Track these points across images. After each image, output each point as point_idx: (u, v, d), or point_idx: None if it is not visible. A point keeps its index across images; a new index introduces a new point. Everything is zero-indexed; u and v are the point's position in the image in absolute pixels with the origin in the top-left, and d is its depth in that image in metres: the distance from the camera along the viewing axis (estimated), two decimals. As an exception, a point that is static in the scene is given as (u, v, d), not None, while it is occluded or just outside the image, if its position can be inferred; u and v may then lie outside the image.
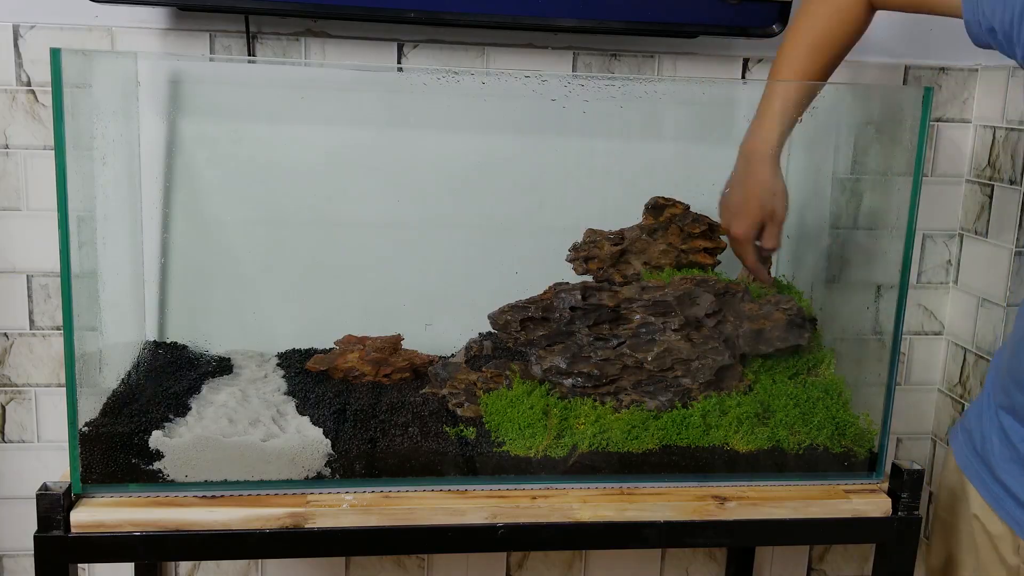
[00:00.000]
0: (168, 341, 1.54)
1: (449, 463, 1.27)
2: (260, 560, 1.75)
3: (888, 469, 1.33)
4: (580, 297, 1.33)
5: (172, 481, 1.22)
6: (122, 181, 1.47)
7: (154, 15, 1.53)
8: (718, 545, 1.79)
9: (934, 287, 1.80)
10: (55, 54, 1.11)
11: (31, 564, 1.30)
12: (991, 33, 1.17)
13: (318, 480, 1.25)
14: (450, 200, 1.57)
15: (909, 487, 1.29)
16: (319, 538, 1.20)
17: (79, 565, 1.67)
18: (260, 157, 1.53)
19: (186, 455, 1.22)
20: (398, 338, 1.45)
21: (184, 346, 1.53)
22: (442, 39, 1.58)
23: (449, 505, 1.23)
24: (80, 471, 1.20)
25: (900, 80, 1.71)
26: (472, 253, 1.58)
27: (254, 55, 1.55)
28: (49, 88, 1.24)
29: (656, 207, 1.46)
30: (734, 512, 1.27)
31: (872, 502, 1.30)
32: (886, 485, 1.33)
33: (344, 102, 1.54)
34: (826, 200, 1.62)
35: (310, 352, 1.51)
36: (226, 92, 1.53)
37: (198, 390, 1.37)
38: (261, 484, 1.23)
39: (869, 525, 1.30)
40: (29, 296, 1.59)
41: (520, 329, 1.34)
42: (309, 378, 1.42)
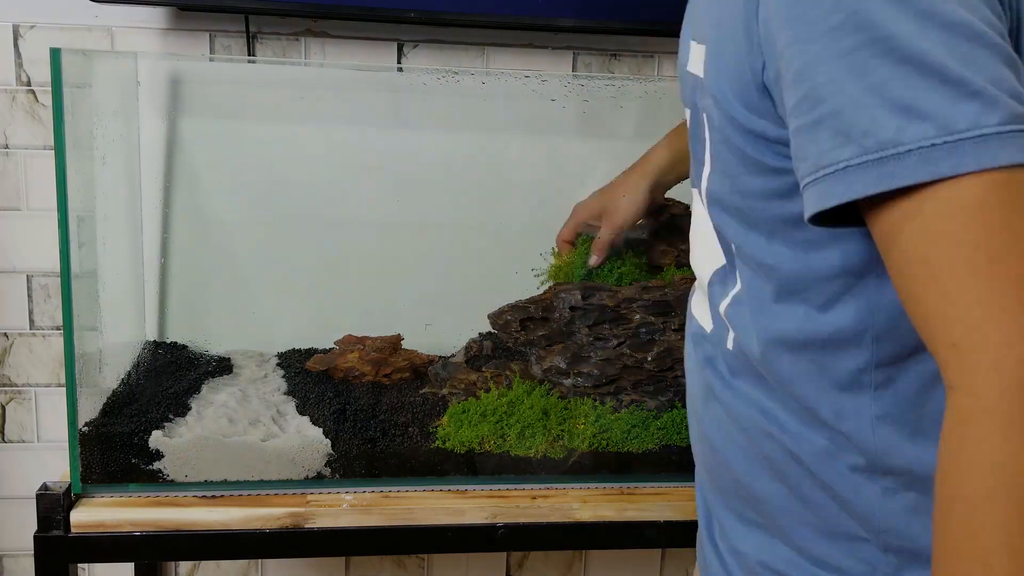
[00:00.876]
0: (168, 341, 1.54)
1: (449, 463, 1.27)
2: (260, 560, 1.75)
3: (888, 469, 1.33)
4: (580, 297, 1.33)
5: (172, 481, 1.22)
6: (122, 181, 1.47)
7: (154, 15, 1.53)
8: (718, 545, 1.79)
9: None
10: (55, 54, 1.11)
11: (31, 564, 1.30)
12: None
13: (318, 480, 1.25)
14: (450, 200, 1.57)
15: (909, 487, 1.29)
16: (319, 538, 1.20)
17: (79, 565, 1.67)
18: (260, 157, 1.53)
19: (186, 455, 1.22)
20: (398, 338, 1.45)
21: (184, 346, 1.53)
22: (442, 39, 1.58)
23: (449, 505, 1.23)
24: (80, 471, 1.20)
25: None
26: (472, 253, 1.58)
27: (254, 55, 1.55)
28: (49, 88, 1.24)
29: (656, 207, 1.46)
30: (734, 512, 1.27)
31: (872, 502, 1.30)
32: (886, 485, 1.33)
33: (344, 102, 1.54)
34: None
35: (310, 352, 1.51)
36: (226, 92, 1.53)
37: (198, 390, 1.37)
38: (261, 484, 1.23)
39: (869, 525, 1.30)
40: (29, 296, 1.59)
41: (520, 329, 1.34)
42: (309, 378, 1.42)
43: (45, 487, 1.16)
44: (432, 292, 1.57)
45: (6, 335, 1.61)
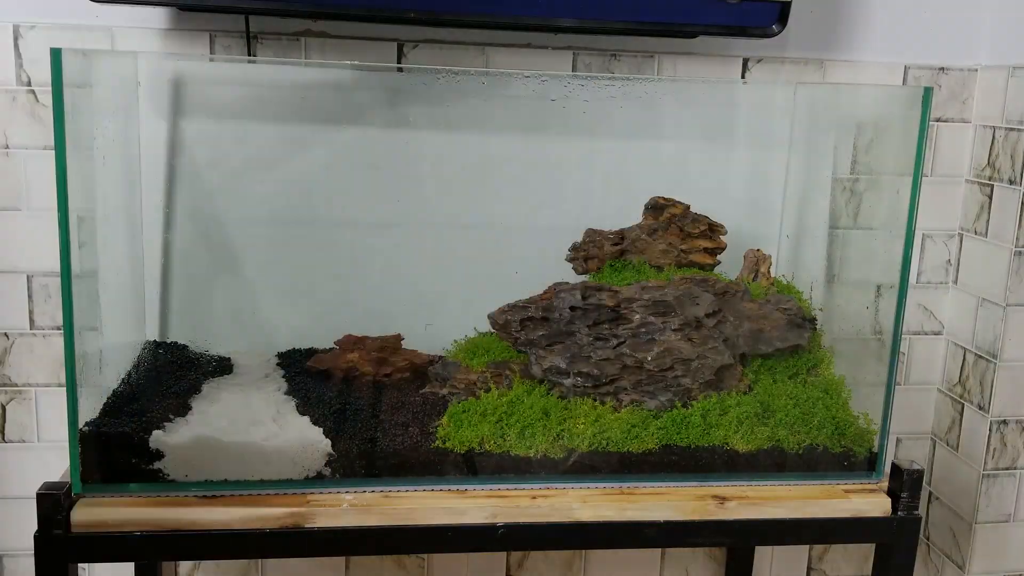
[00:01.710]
0: (168, 341, 1.54)
1: (449, 463, 1.27)
2: (260, 560, 1.75)
3: (888, 469, 1.33)
4: (580, 297, 1.33)
5: (172, 481, 1.22)
6: (122, 181, 1.47)
7: (154, 15, 1.53)
8: (718, 545, 1.79)
9: (934, 287, 1.80)
10: (55, 54, 1.11)
11: (31, 564, 1.30)
12: None
13: (318, 480, 1.25)
14: (450, 200, 1.57)
15: (909, 487, 1.29)
16: (319, 538, 1.20)
17: (79, 565, 1.67)
18: (260, 157, 1.53)
19: (186, 455, 1.22)
20: (398, 338, 1.45)
21: (184, 346, 1.53)
22: (442, 39, 1.58)
23: (449, 505, 1.23)
24: (80, 471, 1.20)
25: (900, 80, 1.71)
26: (472, 253, 1.58)
27: (254, 55, 1.55)
28: (49, 88, 1.24)
29: (656, 207, 1.46)
30: (734, 512, 1.27)
31: (872, 502, 1.30)
32: (886, 485, 1.33)
33: (344, 102, 1.55)
34: (826, 200, 1.62)
35: (310, 352, 1.51)
36: (226, 92, 1.53)
37: (198, 390, 1.37)
38: (261, 484, 1.23)
39: (869, 525, 1.30)
40: (29, 296, 1.59)
41: (520, 329, 1.34)
42: (309, 378, 1.42)
43: (45, 487, 1.16)
44: (432, 292, 1.57)
45: (6, 335, 1.61)
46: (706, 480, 1.31)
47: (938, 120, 1.74)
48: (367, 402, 1.35)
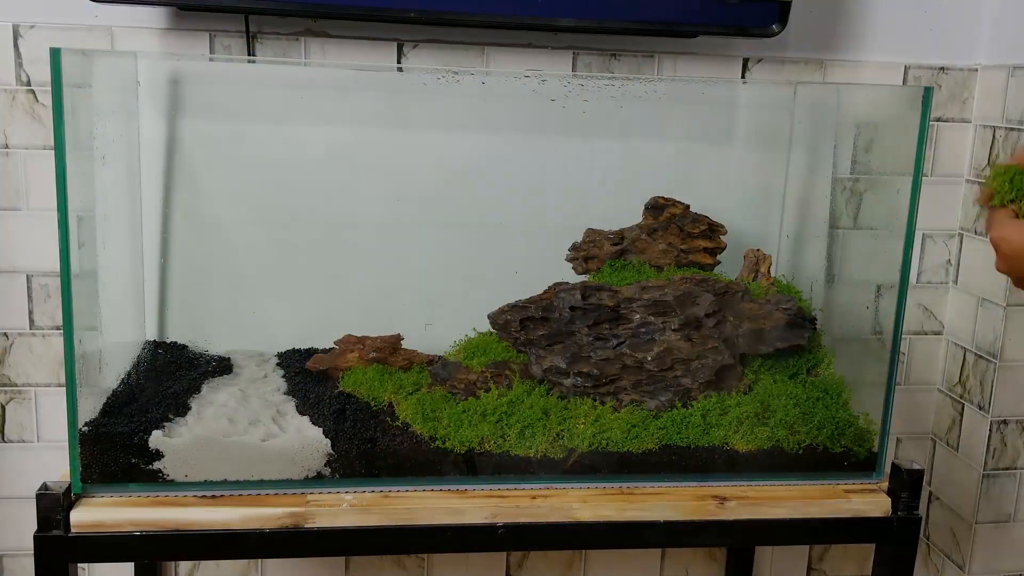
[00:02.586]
0: (168, 341, 1.54)
1: (449, 463, 1.27)
2: (260, 560, 1.75)
3: (888, 469, 1.33)
4: (580, 297, 1.33)
5: (172, 481, 1.22)
6: (122, 181, 1.47)
7: (154, 15, 1.53)
8: (718, 545, 1.79)
9: (934, 287, 1.80)
10: (55, 54, 1.11)
11: (31, 564, 1.30)
12: None
13: (318, 480, 1.25)
14: (450, 200, 1.57)
15: (909, 487, 1.29)
16: (319, 538, 1.20)
17: (79, 565, 1.67)
18: (260, 157, 1.53)
19: (186, 455, 1.22)
20: (398, 338, 1.45)
21: (184, 346, 1.53)
22: (442, 39, 1.58)
23: (449, 505, 1.23)
24: (80, 471, 1.20)
25: (900, 80, 1.71)
26: (472, 253, 1.58)
27: (254, 55, 1.55)
28: (49, 88, 1.24)
29: (656, 207, 1.46)
30: (734, 512, 1.27)
31: (872, 502, 1.30)
32: (886, 485, 1.33)
33: (344, 102, 1.55)
34: (826, 200, 1.62)
35: (310, 352, 1.51)
36: (226, 92, 1.53)
37: (198, 390, 1.37)
38: (261, 484, 1.23)
39: (869, 525, 1.30)
40: (29, 296, 1.59)
41: (520, 329, 1.34)
42: (309, 378, 1.42)
43: (45, 487, 1.16)
44: (432, 292, 1.57)
45: (6, 335, 1.61)
46: (706, 480, 1.31)
47: (938, 120, 1.74)
48: (367, 402, 1.35)
